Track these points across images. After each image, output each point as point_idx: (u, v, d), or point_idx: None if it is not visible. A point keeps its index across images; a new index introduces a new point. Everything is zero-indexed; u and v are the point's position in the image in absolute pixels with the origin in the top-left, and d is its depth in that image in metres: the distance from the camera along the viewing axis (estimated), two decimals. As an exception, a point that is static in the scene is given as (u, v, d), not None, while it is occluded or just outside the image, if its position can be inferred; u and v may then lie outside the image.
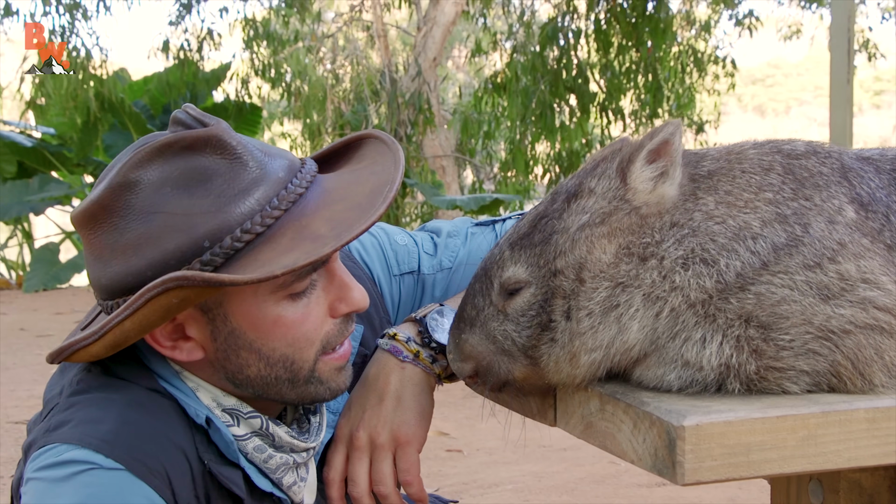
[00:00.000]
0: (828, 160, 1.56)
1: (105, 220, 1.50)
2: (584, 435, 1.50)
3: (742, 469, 1.29)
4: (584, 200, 1.54)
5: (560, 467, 5.23)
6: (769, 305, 1.42)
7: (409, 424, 1.71)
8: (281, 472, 1.64)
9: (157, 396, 1.55)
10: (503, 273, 1.55)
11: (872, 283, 1.44)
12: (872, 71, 45.46)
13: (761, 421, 1.29)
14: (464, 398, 6.50)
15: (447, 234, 2.07)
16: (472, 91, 16.27)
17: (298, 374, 1.60)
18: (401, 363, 1.74)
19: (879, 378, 1.43)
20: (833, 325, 1.42)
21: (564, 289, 1.49)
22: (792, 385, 1.42)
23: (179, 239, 1.47)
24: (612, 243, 1.49)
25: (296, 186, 1.55)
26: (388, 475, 1.70)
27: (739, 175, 1.53)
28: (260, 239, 1.49)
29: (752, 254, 1.45)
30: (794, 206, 1.49)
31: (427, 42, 15.53)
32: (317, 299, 1.59)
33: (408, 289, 2.01)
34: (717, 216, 1.48)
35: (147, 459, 1.45)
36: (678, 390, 1.44)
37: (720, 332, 1.43)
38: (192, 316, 1.54)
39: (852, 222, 1.49)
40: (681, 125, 1.51)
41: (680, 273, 1.45)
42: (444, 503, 2.14)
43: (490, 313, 1.56)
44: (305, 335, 1.58)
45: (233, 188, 1.50)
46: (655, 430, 1.31)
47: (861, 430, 1.33)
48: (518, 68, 13.75)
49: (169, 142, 1.50)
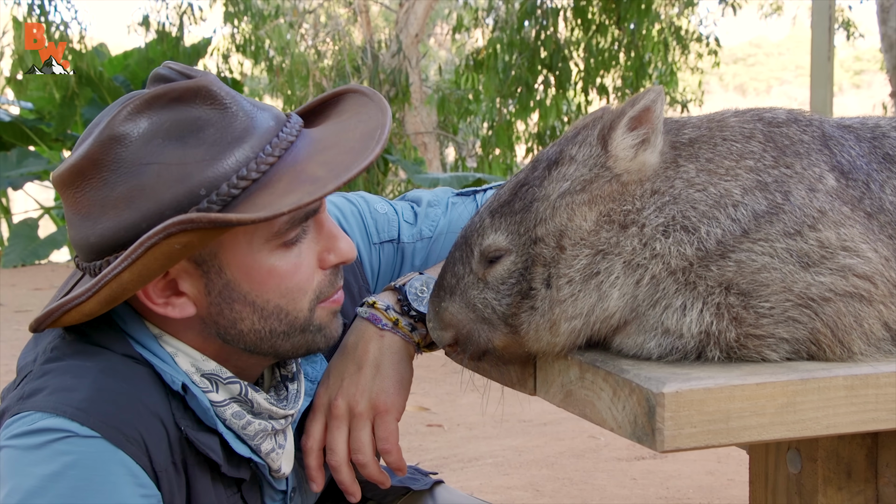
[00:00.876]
0: (809, 128, 1.56)
1: (94, 175, 1.47)
2: (563, 403, 1.50)
3: (721, 436, 1.29)
4: (565, 168, 1.53)
5: (540, 441, 5.25)
6: (749, 273, 1.42)
7: (387, 393, 1.70)
8: (259, 438, 1.63)
9: (133, 363, 1.53)
10: (483, 241, 1.54)
11: (852, 250, 1.44)
12: (852, 51, 45.64)
13: (741, 388, 1.29)
14: (445, 374, 6.51)
15: (428, 203, 2.06)
16: (454, 68, 16.22)
17: (294, 325, 1.60)
18: (380, 331, 1.73)
19: (858, 346, 1.43)
20: (813, 293, 1.42)
21: (545, 256, 1.49)
22: (771, 353, 1.42)
23: (175, 188, 1.45)
24: (592, 210, 1.49)
25: (287, 134, 1.55)
26: (367, 444, 1.70)
27: (720, 143, 1.52)
28: (256, 185, 1.49)
29: (732, 221, 1.44)
30: (774, 174, 1.48)
31: (409, 18, 15.47)
32: (307, 249, 1.59)
33: (387, 257, 2.00)
34: (698, 183, 1.48)
35: (122, 426, 1.43)
36: (658, 358, 1.44)
37: (700, 300, 1.43)
38: (185, 270, 1.52)
39: (833, 190, 1.48)
40: (662, 92, 1.50)
41: (661, 240, 1.45)
42: (423, 474, 2.14)
43: (470, 281, 1.55)
44: (298, 285, 1.58)
45: (225, 137, 1.49)
46: (635, 398, 1.30)
47: (840, 398, 1.33)
48: (498, 45, 13.72)
49: (158, 94, 1.48)
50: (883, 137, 1.60)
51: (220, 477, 1.59)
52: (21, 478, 1.38)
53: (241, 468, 1.62)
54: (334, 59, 16.48)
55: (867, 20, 45.92)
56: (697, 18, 17.13)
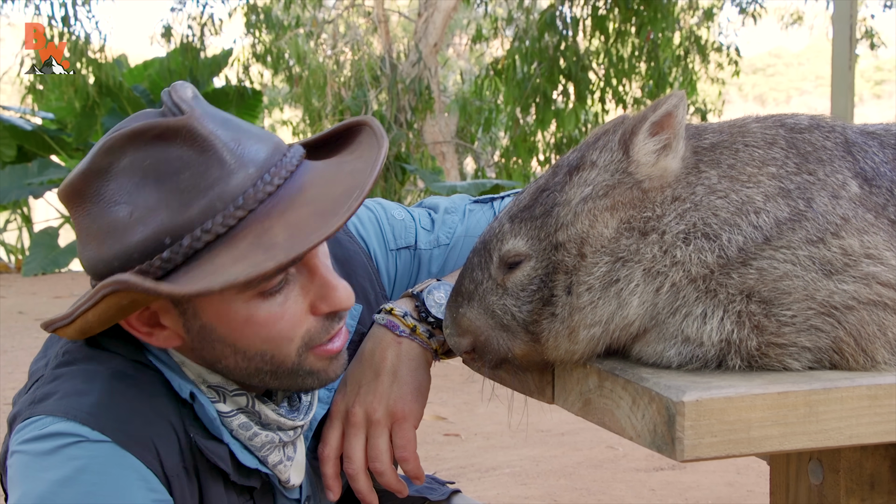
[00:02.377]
0: (831, 134, 1.54)
1: (79, 204, 1.48)
2: (582, 412, 1.48)
3: (742, 446, 1.27)
4: (587, 173, 1.52)
5: (558, 451, 5.23)
6: (771, 280, 1.41)
7: (405, 400, 1.69)
8: (266, 450, 1.61)
9: (143, 369, 1.53)
10: (503, 246, 1.52)
11: (876, 258, 1.42)
12: (874, 60, 45.39)
13: (762, 397, 1.27)
14: (462, 383, 6.50)
15: (445, 210, 2.05)
16: (473, 78, 16.23)
17: (281, 367, 1.55)
18: (397, 338, 1.72)
19: (882, 355, 1.41)
20: (836, 301, 1.40)
21: (566, 263, 1.47)
22: (793, 361, 1.41)
23: (143, 233, 1.43)
24: (613, 217, 1.47)
25: (265, 184, 1.47)
26: (385, 451, 1.68)
27: (742, 149, 1.50)
28: (221, 241, 1.43)
29: (754, 228, 1.43)
30: (797, 181, 1.47)
31: (428, 28, 15.49)
32: (295, 297, 1.52)
33: (404, 264, 1.98)
34: (720, 190, 1.46)
35: (133, 431, 1.43)
36: (678, 366, 1.43)
37: (721, 308, 1.42)
38: (164, 307, 1.50)
39: (856, 197, 1.47)
40: (685, 97, 1.48)
41: (681, 248, 1.43)
42: (441, 483, 2.12)
43: (489, 287, 1.53)
44: (281, 333, 1.52)
45: (200, 184, 1.43)
46: (654, 406, 1.29)
47: (863, 407, 1.31)
48: (517, 55, 13.72)
49: (141, 130, 1.44)
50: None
51: (232, 484, 1.59)
52: (32, 483, 1.38)
53: (251, 477, 1.62)
54: (353, 68, 16.52)
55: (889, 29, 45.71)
56: (717, 28, 17.09)
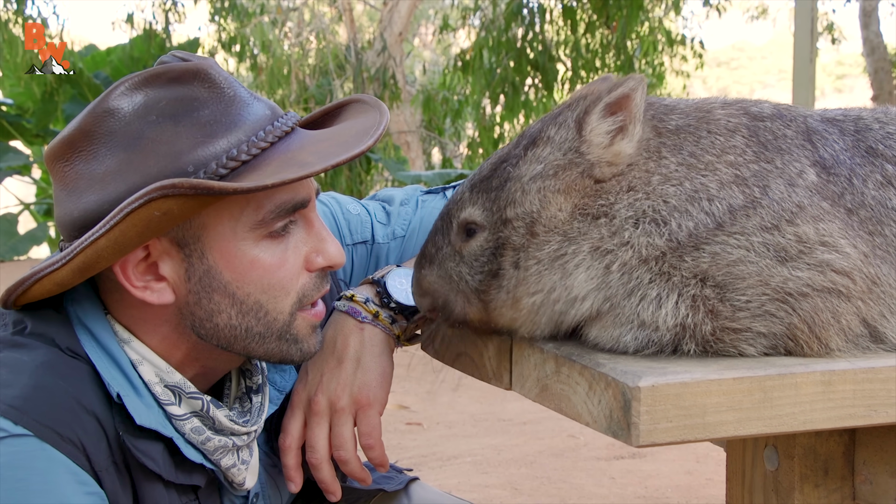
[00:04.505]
0: (793, 123, 1.55)
1: (84, 147, 1.45)
2: (539, 398, 1.48)
3: (697, 431, 1.27)
4: (541, 149, 1.52)
5: (519, 440, 5.24)
6: (725, 265, 1.41)
7: (370, 387, 1.67)
8: (219, 454, 1.57)
9: (73, 360, 1.47)
10: (461, 213, 1.55)
11: (831, 245, 1.43)
12: (835, 55, 45.89)
13: (717, 382, 1.28)
14: (424, 372, 6.49)
15: (400, 202, 2.05)
16: (438, 68, 16.20)
17: (272, 327, 1.55)
18: (359, 324, 1.70)
19: (836, 342, 1.42)
20: (790, 288, 1.41)
21: (513, 240, 1.49)
22: (748, 347, 1.41)
23: (163, 163, 1.43)
24: (567, 202, 1.48)
25: (281, 124, 1.53)
26: (350, 439, 1.66)
27: (705, 136, 1.50)
28: (245, 167, 1.46)
29: (706, 215, 1.43)
30: (754, 169, 1.47)
31: (393, 16, 15.44)
32: (294, 247, 1.55)
33: (360, 259, 1.98)
34: (675, 178, 1.46)
35: (57, 426, 1.38)
36: (634, 351, 1.43)
37: (676, 291, 1.42)
38: (167, 252, 1.48)
39: (813, 185, 1.47)
40: (644, 81, 1.47)
41: (629, 230, 1.44)
42: (398, 472, 2.11)
43: (448, 253, 1.56)
44: (281, 282, 1.53)
45: (220, 120, 1.47)
46: (611, 392, 1.29)
47: (817, 393, 1.32)
48: (483, 46, 13.70)
49: (156, 73, 1.47)
50: (866, 130, 1.59)
51: (173, 482, 1.53)
52: None
53: (193, 474, 1.56)
54: (318, 57, 16.42)
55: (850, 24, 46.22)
56: (682, 21, 17.18)
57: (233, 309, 1.52)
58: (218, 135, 1.46)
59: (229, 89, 1.50)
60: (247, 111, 1.50)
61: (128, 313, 1.54)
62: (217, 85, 1.49)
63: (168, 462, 1.52)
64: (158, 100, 1.46)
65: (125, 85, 1.46)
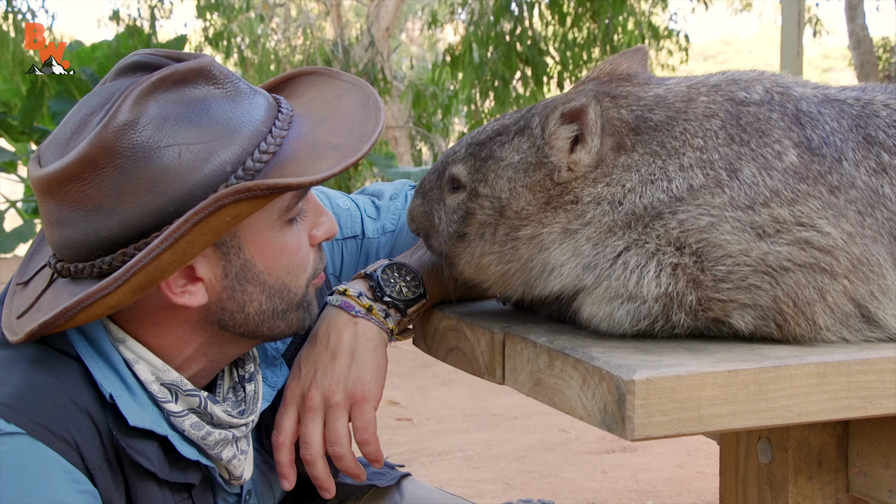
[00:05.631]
0: (781, 108, 1.53)
1: (108, 163, 1.39)
2: (532, 392, 1.47)
3: (692, 424, 1.27)
4: (523, 139, 1.59)
5: (510, 435, 5.24)
6: (696, 231, 1.43)
7: (364, 381, 1.65)
8: (220, 447, 1.57)
9: (65, 359, 1.46)
10: (452, 167, 1.65)
11: (808, 225, 1.43)
12: (820, 48, 46.02)
13: (712, 375, 1.27)
14: (415, 368, 6.49)
15: (389, 196, 2.04)
16: (426, 64, 16.17)
17: (293, 301, 1.60)
18: (353, 318, 1.69)
19: (823, 319, 1.43)
20: (771, 261, 1.42)
21: (479, 215, 1.60)
22: (737, 316, 1.43)
23: (201, 168, 1.41)
24: (536, 199, 1.55)
25: (287, 112, 1.54)
26: (344, 435, 1.64)
27: (679, 124, 1.52)
28: (275, 159, 1.47)
29: (664, 192, 1.47)
30: (723, 152, 1.48)
31: (380, 11, 15.41)
32: (303, 229, 1.60)
33: (350, 254, 1.97)
34: (635, 167, 1.50)
35: (51, 424, 1.36)
36: (630, 327, 1.46)
37: (654, 259, 1.45)
38: (203, 254, 1.47)
39: (791, 167, 1.47)
40: (595, 100, 1.51)
41: (590, 212, 1.50)
42: (391, 468, 2.10)
43: (435, 195, 1.69)
44: (301, 262, 1.59)
45: (235, 114, 1.47)
46: (605, 385, 1.28)
47: (811, 385, 1.32)
48: (472, 40, 13.68)
49: (161, 78, 1.43)
50: (872, 116, 1.57)
51: (166, 480, 1.51)
52: None
53: (188, 472, 1.55)
54: (305, 53, 16.38)
55: (835, 18, 46.42)
56: (668, 14, 17.18)
57: (263, 295, 1.55)
58: (240, 131, 1.46)
59: (232, 84, 1.50)
60: (254, 104, 1.51)
61: (140, 318, 1.52)
62: (221, 81, 1.49)
63: (162, 460, 1.50)
64: (171, 104, 1.43)
65: (133, 96, 1.41)
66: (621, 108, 1.55)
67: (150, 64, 1.50)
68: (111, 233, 1.42)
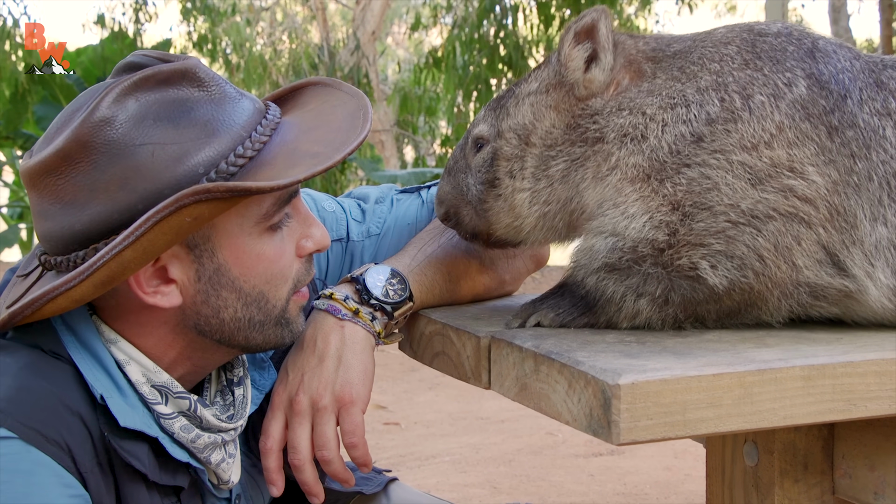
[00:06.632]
0: (798, 41, 1.59)
1: (82, 158, 1.41)
2: (518, 397, 1.47)
3: (678, 428, 1.27)
4: (542, 70, 1.70)
5: (497, 439, 5.24)
6: (695, 194, 1.49)
7: (352, 384, 1.64)
8: (208, 451, 1.57)
9: (56, 361, 1.46)
10: (474, 130, 1.72)
11: (798, 172, 1.48)
12: (807, 51, 46.25)
13: (697, 379, 1.27)
14: (402, 372, 6.48)
15: (375, 200, 2.04)
16: (412, 67, 16.18)
17: (270, 314, 1.57)
18: (339, 322, 1.68)
19: (803, 261, 1.49)
20: (759, 210, 1.47)
21: (505, 150, 1.66)
22: (707, 267, 1.48)
23: (173, 167, 1.41)
24: (560, 120, 1.62)
25: (273, 116, 1.55)
26: (332, 438, 1.63)
27: (698, 50, 1.59)
28: (252, 164, 1.47)
29: (684, 124, 1.51)
30: (738, 76, 1.53)
31: (366, 15, 15.41)
32: (288, 237, 1.58)
33: (335, 257, 1.96)
34: (655, 91, 1.56)
35: (42, 427, 1.36)
36: (603, 258, 1.54)
37: (648, 213, 1.51)
38: (176, 255, 1.47)
39: (800, 99, 1.51)
40: (607, 10, 1.60)
41: (616, 153, 1.56)
42: (377, 472, 2.10)
43: (461, 165, 1.74)
44: (282, 271, 1.56)
45: (216, 117, 1.47)
46: (590, 390, 1.28)
47: (796, 388, 1.32)
48: (456, 42, 13.70)
49: (144, 77, 1.44)
50: (886, 69, 1.61)
51: (156, 484, 1.51)
52: None
53: (177, 475, 1.54)
54: (291, 56, 16.36)
55: (819, 19, 46.62)
56: (655, 18, 17.24)
57: (238, 302, 1.54)
58: (218, 133, 1.46)
59: (217, 87, 1.50)
60: (238, 108, 1.50)
61: (123, 317, 1.52)
62: (206, 84, 1.49)
63: (153, 462, 1.50)
64: (151, 103, 1.44)
65: (115, 92, 1.42)
66: (639, 41, 1.66)
67: (144, 65, 1.50)
68: (83, 227, 1.43)
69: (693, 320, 1.54)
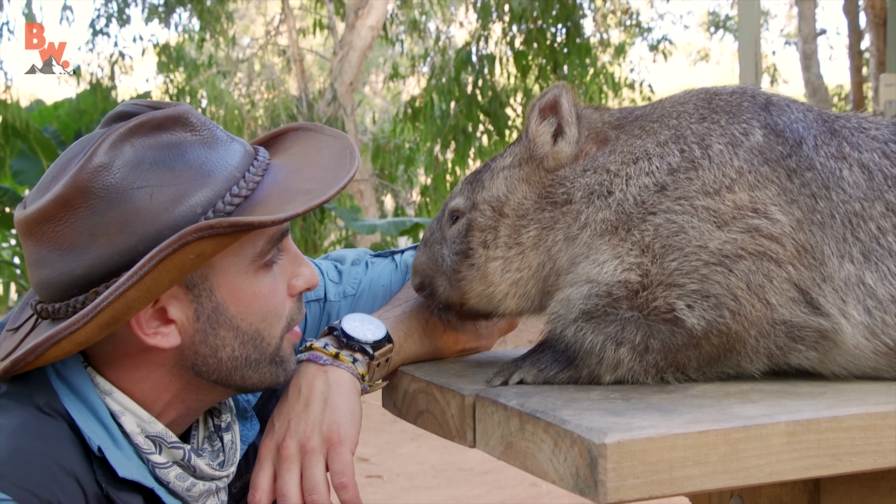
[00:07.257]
0: (752, 97, 1.65)
1: (81, 203, 1.44)
2: (504, 456, 1.46)
3: (665, 486, 1.27)
4: (515, 145, 1.77)
5: (481, 490, 5.20)
6: (665, 237, 1.52)
7: (339, 423, 1.62)
8: (203, 499, 1.58)
9: (49, 420, 1.46)
10: (451, 202, 1.78)
11: (761, 213, 1.52)
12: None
13: (683, 437, 1.27)
14: (384, 423, 6.44)
15: (351, 262, 2.08)
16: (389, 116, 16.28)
17: (265, 353, 1.60)
18: (322, 367, 1.67)
19: (775, 298, 1.51)
20: (728, 250, 1.50)
21: (479, 221, 1.71)
22: (683, 306, 1.50)
23: (172, 209, 1.45)
24: (531, 191, 1.68)
25: (263, 159, 1.59)
26: (322, 482, 1.60)
27: (657, 111, 1.66)
28: (247, 203, 1.51)
29: (647, 175, 1.57)
30: (695, 129, 1.59)
31: (343, 66, 15.52)
32: (280, 275, 1.61)
33: (313, 316, 1.98)
34: (618, 150, 1.63)
35: (36, 488, 1.36)
36: (580, 306, 1.55)
37: (619, 258, 1.54)
38: (174, 296, 1.50)
39: (757, 146, 1.56)
40: (567, 86, 1.68)
41: (584, 211, 1.61)
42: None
43: (437, 237, 1.80)
44: (276, 309, 1.60)
45: (210, 159, 1.51)
46: (577, 449, 1.27)
47: (781, 444, 1.32)
48: (434, 92, 13.80)
49: (139, 123, 1.48)
50: (838, 119, 1.67)
51: None
52: None
53: None
54: (269, 107, 16.43)
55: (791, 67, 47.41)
56: (630, 66, 17.44)
57: (236, 341, 1.57)
58: (213, 175, 1.50)
59: (209, 132, 1.54)
60: (230, 150, 1.55)
61: (119, 362, 1.54)
62: (198, 128, 1.53)
63: None
64: (147, 148, 1.47)
65: (110, 139, 1.46)
66: (604, 113, 1.74)
67: (135, 113, 1.54)
68: (84, 271, 1.45)
69: (675, 370, 1.54)
